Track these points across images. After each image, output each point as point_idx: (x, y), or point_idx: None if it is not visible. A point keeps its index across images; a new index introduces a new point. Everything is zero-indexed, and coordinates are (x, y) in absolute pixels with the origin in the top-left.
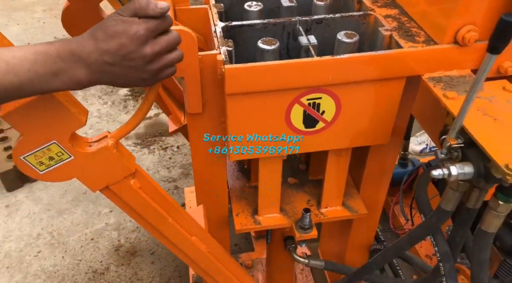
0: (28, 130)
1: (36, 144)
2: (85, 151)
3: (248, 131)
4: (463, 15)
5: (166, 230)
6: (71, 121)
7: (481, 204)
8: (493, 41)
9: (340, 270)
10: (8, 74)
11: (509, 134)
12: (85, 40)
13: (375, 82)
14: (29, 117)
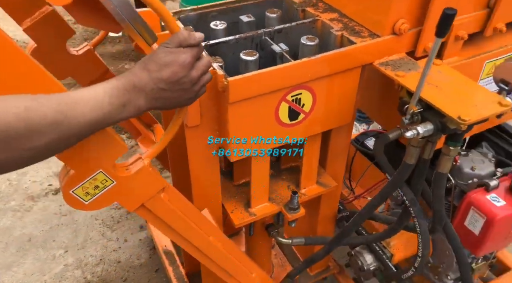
0: (79, 163)
1: (86, 176)
2: (125, 174)
3: (246, 132)
4: (397, 12)
5: (193, 236)
6: (116, 149)
7: (431, 156)
8: (440, 28)
9: (318, 242)
10: (96, 110)
11: (449, 95)
12: (141, 73)
13: (341, 73)
14: (81, 151)
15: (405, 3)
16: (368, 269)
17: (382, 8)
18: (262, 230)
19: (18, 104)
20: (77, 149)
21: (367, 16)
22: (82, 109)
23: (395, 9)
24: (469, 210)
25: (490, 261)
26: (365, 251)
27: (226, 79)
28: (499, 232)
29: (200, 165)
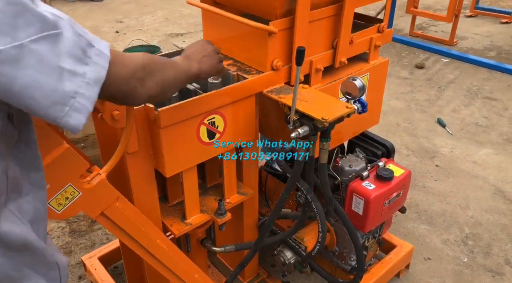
0: (55, 179)
1: (58, 189)
2: (88, 186)
3: (176, 151)
4: (272, 55)
5: (143, 239)
6: (81, 165)
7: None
8: (297, 59)
9: (246, 246)
10: (183, 65)
11: (315, 106)
12: (188, 51)
13: (241, 100)
14: (56, 168)
15: (277, 48)
16: (289, 263)
17: (262, 53)
18: (197, 245)
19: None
20: (53, 168)
21: (253, 60)
22: (178, 62)
23: (271, 53)
24: (352, 196)
25: (377, 238)
26: (285, 249)
27: (157, 110)
28: (375, 209)
29: (141, 187)
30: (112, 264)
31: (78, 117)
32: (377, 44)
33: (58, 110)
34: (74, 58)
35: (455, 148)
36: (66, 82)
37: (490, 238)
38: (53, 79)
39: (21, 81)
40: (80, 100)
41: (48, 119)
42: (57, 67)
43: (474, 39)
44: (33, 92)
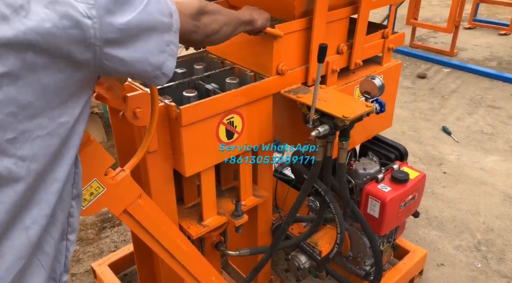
0: None
1: (84, 184)
2: (113, 182)
3: (196, 150)
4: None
5: (163, 238)
6: (106, 160)
7: (332, 154)
8: (319, 56)
9: (261, 250)
10: (234, 17)
11: (335, 105)
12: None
13: (259, 100)
14: (83, 163)
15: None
16: (304, 268)
17: (268, 58)
18: (212, 249)
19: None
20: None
21: (258, 65)
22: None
23: (276, 57)
24: (368, 198)
25: (392, 242)
26: (299, 253)
27: (178, 108)
28: (391, 211)
29: (159, 187)
30: (121, 271)
31: (172, 61)
32: (390, 47)
33: (163, 57)
34: (167, 14)
35: (461, 155)
36: (165, 34)
37: (503, 243)
38: (159, 32)
39: (143, 39)
40: (172, 47)
41: (157, 66)
42: (161, 21)
43: (474, 50)
44: (151, 46)
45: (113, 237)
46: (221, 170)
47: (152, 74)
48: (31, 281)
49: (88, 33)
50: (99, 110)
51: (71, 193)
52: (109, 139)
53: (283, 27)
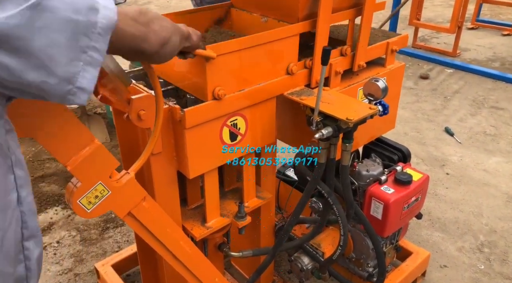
0: (86, 176)
1: (89, 187)
2: (118, 185)
3: (199, 152)
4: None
5: (167, 240)
6: (111, 163)
7: (335, 156)
8: (323, 59)
9: (264, 251)
10: (175, 27)
11: (338, 107)
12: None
13: (262, 103)
14: (88, 166)
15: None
16: (307, 269)
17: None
18: (215, 250)
19: None
20: (85, 165)
21: None
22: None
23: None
24: (371, 200)
25: (395, 244)
26: (302, 255)
27: (183, 110)
28: (395, 213)
29: (163, 189)
30: (124, 272)
31: (91, 71)
32: (394, 48)
33: (75, 66)
34: (86, 7)
35: (464, 156)
36: (81, 37)
37: (506, 245)
38: (69, 34)
39: (39, 41)
40: (92, 54)
41: (66, 78)
42: (71, 21)
43: (476, 50)
44: (51, 51)
45: (116, 237)
46: (224, 172)
47: (60, 89)
48: None
49: None
50: (102, 111)
51: (21, 236)
52: (112, 139)
53: (216, 48)
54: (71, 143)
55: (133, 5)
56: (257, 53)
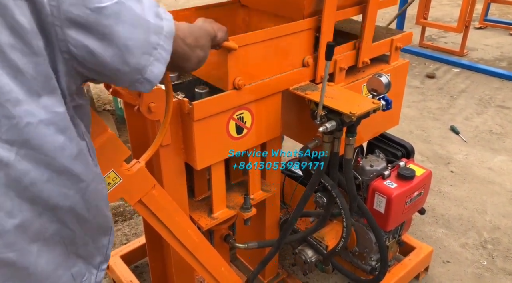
0: (99, 164)
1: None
2: (130, 172)
3: (207, 144)
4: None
5: (175, 228)
6: (123, 152)
7: (339, 150)
8: (327, 54)
9: (268, 243)
10: (208, 34)
11: (342, 102)
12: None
13: (268, 97)
14: (101, 154)
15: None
16: (310, 262)
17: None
18: (221, 242)
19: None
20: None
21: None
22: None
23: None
24: (374, 194)
25: (397, 238)
26: (306, 247)
27: (191, 103)
28: (397, 207)
29: (171, 179)
30: (133, 263)
31: (159, 66)
32: (398, 45)
33: (146, 59)
34: (153, 14)
35: (469, 154)
36: (152, 35)
37: (509, 242)
38: (143, 31)
39: (121, 34)
40: (161, 52)
41: (137, 69)
42: (145, 20)
43: (484, 50)
44: (130, 43)
45: (124, 230)
46: (231, 164)
47: (130, 77)
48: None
49: (44, 10)
50: (111, 108)
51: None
52: (121, 135)
53: (238, 40)
54: None
55: None
56: (271, 46)
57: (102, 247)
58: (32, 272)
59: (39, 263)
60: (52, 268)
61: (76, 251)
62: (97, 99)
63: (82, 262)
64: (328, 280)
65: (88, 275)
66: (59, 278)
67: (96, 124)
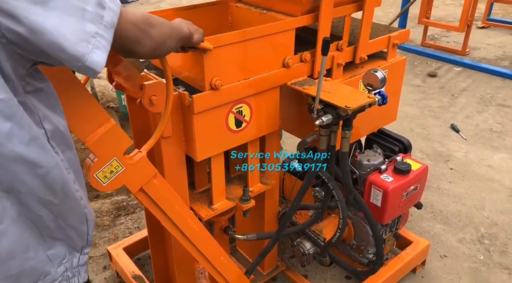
0: (102, 152)
1: (105, 162)
2: (132, 161)
3: (207, 137)
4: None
5: (176, 217)
6: (125, 141)
7: (336, 143)
8: (323, 49)
9: (267, 235)
10: (176, 30)
11: (338, 96)
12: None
13: (266, 91)
14: (104, 143)
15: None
16: (308, 254)
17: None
18: (221, 233)
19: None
20: (102, 142)
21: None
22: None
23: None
24: (371, 188)
25: (394, 232)
26: (304, 240)
27: (191, 96)
28: (393, 201)
29: (172, 171)
30: (135, 255)
31: (100, 54)
32: (395, 42)
33: (84, 47)
34: (95, 2)
35: (469, 152)
36: (88, 23)
37: (506, 237)
38: (77, 19)
39: (51, 20)
40: (100, 40)
41: (75, 55)
42: (80, 8)
43: (486, 49)
44: (63, 30)
45: (127, 224)
46: (230, 158)
47: (72, 63)
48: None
49: None
50: (115, 105)
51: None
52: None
53: (213, 41)
54: (90, 120)
55: (145, 5)
56: (254, 45)
57: (82, 234)
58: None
59: (2, 243)
60: (19, 248)
61: (51, 235)
62: (101, 97)
63: (61, 245)
64: (326, 273)
65: (69, 257)
66: (28, 259)
67: (99, 114)
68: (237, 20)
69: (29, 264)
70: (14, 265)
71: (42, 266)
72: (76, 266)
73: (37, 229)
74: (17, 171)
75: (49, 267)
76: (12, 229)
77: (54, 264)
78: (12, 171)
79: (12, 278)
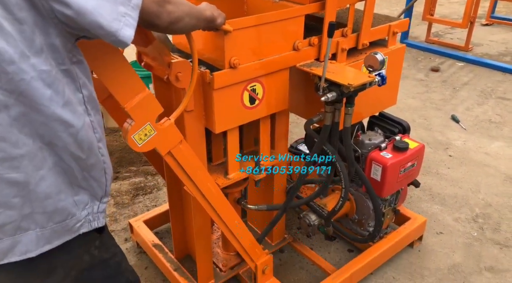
0: (138, 117)
1: (140, 126)
2: (162, 127)
3: (224, 111)
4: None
5: (198, 180)
6: (157, 108)
7: (339, 119)
8: (329, 32)
9: (276, 207)
10: (195, 10)
11: (341, 75)
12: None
13: (277, 72)
14: (140, 108)
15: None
16: (314, 225)
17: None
18: (234, 204)
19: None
20: (139, 107)
21: None
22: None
23: (229, 52)
24: (371, 164)
25: (393, 207)
26: (310, 212)
27: (212, 74)
28: (392, 175)
29: (194, 142)
30: (153, 228)
31: (129, 30)
32: (395, 31)
33: (117, 24)
34: None
35: (468, 140)
36: (119, 6)
37: (499, 217)
38: (112, 2)
39: (92, 3)
40: (128, 19)
41: (111, 31)
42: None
43: (489, 45)
44: (101, 11)
45: (145, 202)
46: (244, 135)
47: (108, 38)
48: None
49: None
50: None
51: (94, 135)
52: None
53: (233, 24)
54: (130, 88)
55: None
56: (268, 29)
57: (102, 185)
58: (33, 189)
59: (40, 185)
60: (54, 191)
61: (78, 184)
62: None
63: (84, 193)
64: (330, 246)
65: (91, 204)
66: (60, 201)
67: (137, 83)
68: (252, 9)
69: (61, 204)
70: (49, 204)
71: (70, 208)
72: (96, 212)
73: (67, 178)
74: (56, 129)
75: (75, 210)
76: (49, 175)
77: (79, 208)
78: (53, 128)
79: (47, 214)
